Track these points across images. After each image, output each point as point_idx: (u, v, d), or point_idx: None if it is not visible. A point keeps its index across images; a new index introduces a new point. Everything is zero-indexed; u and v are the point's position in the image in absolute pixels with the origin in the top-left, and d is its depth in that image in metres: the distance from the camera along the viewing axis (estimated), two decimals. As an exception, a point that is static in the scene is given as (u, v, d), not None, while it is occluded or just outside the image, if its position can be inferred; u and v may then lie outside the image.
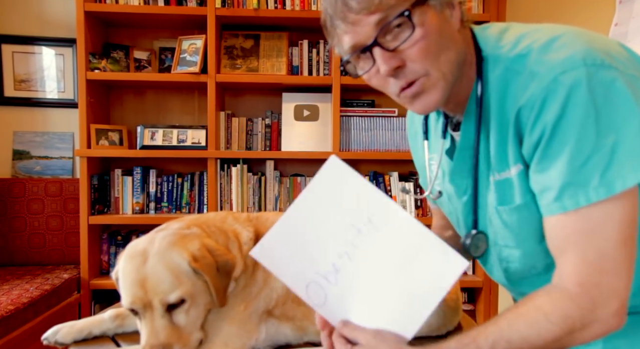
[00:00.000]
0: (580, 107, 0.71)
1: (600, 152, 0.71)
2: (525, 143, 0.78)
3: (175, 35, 2.77)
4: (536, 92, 0.74)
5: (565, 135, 0.72)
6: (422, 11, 0.76)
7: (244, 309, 1.02)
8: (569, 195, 0.73)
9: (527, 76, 0.77)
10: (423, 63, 0.78)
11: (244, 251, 1.04)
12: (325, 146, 2.74)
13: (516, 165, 0.81)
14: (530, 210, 0.82)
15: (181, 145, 2.69)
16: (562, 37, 0.77)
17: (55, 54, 2.89)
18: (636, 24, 1.89)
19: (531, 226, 0.84)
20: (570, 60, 0.73)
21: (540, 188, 0.77)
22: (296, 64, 2.78)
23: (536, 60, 0.76)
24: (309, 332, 1.09)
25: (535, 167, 0.77)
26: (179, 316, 0.94)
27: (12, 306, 2.04)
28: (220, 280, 0.97)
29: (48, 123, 2.91)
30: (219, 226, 1.07)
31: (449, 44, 0.80)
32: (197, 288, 0.95)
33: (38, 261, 2.74)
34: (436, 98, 0.81)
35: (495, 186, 0.86)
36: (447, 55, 0.79)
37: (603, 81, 0.72)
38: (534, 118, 0.75)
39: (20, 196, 2.74)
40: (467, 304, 2.90)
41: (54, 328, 1.10)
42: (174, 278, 0.92)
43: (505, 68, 0.80)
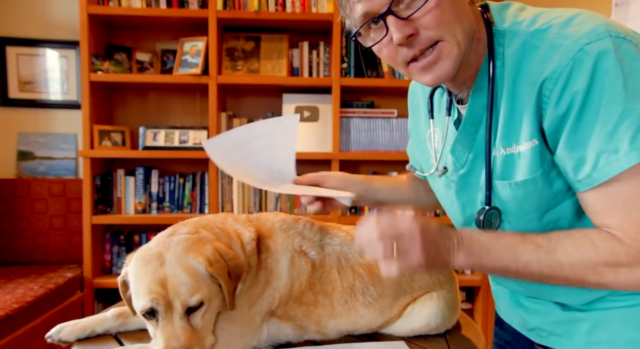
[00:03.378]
0: (609, 74, 0.71)
1: (630, 117, 0.71)
2: (548, 116, 0.77)
3: (177, 37, 2.80)
4: (562, 64, 0.74)
5: (596, 103, 0.72)
6: None
7: (248, 310, 1.03)
8: (604, 164, 0.73)
9: (548, 49, 0.76)
10: (437, 30, 0.77)
11: (247, 252, 1.05)
12: (325, 146, 2.76)
13: (531, 140, 0.80)
14: (537, 186, 0.82)
15: (183, 146, 2.72)
16: (580, 15, 0.78)
17: (59, 56, 2.93)
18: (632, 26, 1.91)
19: (534, 201, 0.84)
20: (595, 32, 0.73)
21: (574, 164, 0.76)
22: (296, 66, 2.80)
23: (557, 34, 0.76)
24: (309, 331, 1.10)
25: (566, 142, 0.76)
26: (196, 319, 0.95)
27: (16, 305, 2.07)
28: (231, 283, 0.99)
29: (52, 124, 2.95)
30: (221, 228, 1.07)
31: (462, 14, 0.80)
32: (212, 292, 0.96)
33: (42, 261, 2.78)
34: (448, 68, 0.80)
35: (499, 161, 0.85)
36: (460, 24, 0.79)
37: (628, 52, 0.72)
38: (560, 90, 0.74)
39: (24, 197, 2.77)
40: (465, 303, 2.91)
41: (58, 326, 1.10)
42: (193, 281, 0.93)
43: (523, 43, 0.80)
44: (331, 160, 2.71)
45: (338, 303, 1.10)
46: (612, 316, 0.87)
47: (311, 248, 1.11)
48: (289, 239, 1.10)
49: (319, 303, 1.09)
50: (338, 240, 1.15)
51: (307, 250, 1.11)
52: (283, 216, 1.16)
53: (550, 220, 0.86)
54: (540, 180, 0.81)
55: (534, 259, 0.77)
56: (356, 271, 1.12)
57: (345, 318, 1.11)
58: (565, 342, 0.93)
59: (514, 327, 1.06)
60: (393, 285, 1.14)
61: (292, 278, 1.07)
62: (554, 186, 0.82)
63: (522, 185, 0.83)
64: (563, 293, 0.90)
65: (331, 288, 1.10)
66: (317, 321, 1.09)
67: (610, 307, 0.87)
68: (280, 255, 1.08)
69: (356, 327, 1.13)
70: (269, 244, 1.09)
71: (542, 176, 0.81)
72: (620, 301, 0.86)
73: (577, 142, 0.75)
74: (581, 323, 0.90)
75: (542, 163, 0.81)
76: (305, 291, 1.08)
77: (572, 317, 0.91)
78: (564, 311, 0.92)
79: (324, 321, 1.10)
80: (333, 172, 1.21)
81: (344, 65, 2.71)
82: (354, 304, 1.11)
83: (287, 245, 1.09)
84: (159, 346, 0.91)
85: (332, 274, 1.10)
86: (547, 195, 0.83)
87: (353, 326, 1.13)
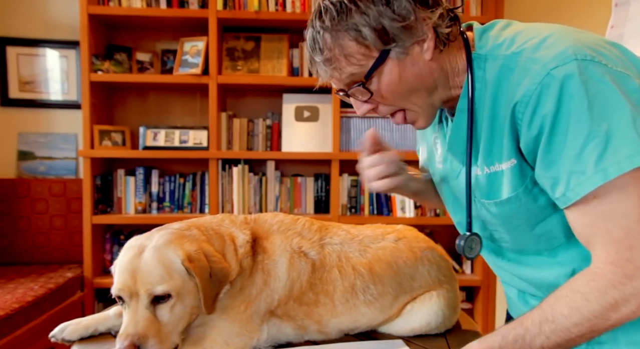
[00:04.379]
0: (574, 98, 0.73)
1: (595, 139, 0.72)
2: (523, 137, 0.80)
3: (177, 37, 2.81)
4: (531, 88, 0.76)
5: (563, 126, 0.74)
6: (379, 73, 0.82)
7: (244, 310, 1.04)
8: (575, 183, 0.74)
9: (520, 73, 0.79)
10: (393, 105, 0.86)
11: (240, 255, 1.05)
12: (325, 147, 2.77)
13: (510, 159, 0.83)
14: (520, 202, 0.85)
15: (183, 146, 2.72)
16: (551, 36, 0.79)
17: (59, 56, 2.93)
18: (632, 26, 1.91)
19: (522, 215, 0.86)
20: (562, 56, 0.75)
21: (550, 183, 0.78)
22: (296, 66, 2.81)
23: (528, 58, 0.79)
24: (309, 331, 1.11)
25: (541, 162, 0.78)
26: (163, 311, 0.94)
27: (17, 305, 2.07)
28: (211, 286, 0.98)
29: (52, 124, 2.95)
30: (216, 230, 1.08)
31: (416, 84, 0.85)
32: (186, 288, 0.96)
33: (42, 260, 2.78)
34: (424, 122, 0.89)
35: (483, 179, 0.89)
36: (416, 94, 0.85)
37: (593, 74, 0.74)
38: (531, 113, 0.77)
39: (24, 196, 2.78)
40: (465, 303, 2.92)
41: (61, 325, 1.11)
42: (164, 272, 0.94)
43: (501, 66, 0.83)
44: (331, 160, 2.71)
45: (339, 302, 1.10)
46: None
47: (311, 248, 1.12)
48: (287, 240, 1.11)
49: (320, 302, 1.10)
50: (338, 239, 1.16)
51: (306, 250, 1.11)
52: (281, 217, 1.16)
53: (543, 231, 0.88)
54: (524, 196, 0.84)
55: (545, 339, 0.77)
56: (357, 270, 1.13)
57: (347, 317, 1.12)
58: None
59: None
60: (394, 284, 1.15)
61: (292, 279, 1.07)
62: (539, 200, 0.84)
63: (507, 202, 0.86)
64: None
65: (332, 287, 1.10)
66: (318, 320, 1.10)
67: None
68: (278, 256, 1.08)
69: (357, 325, 1.14)
70: (266, 245, 1.09)
71: (525, 192, 0.84)
72: None
73: (550, 162, 0.77)
74: None
75: (524, 180, 0.83)
76: (306, 291, 1.09)
77: None
78: None
79: (325, 320, 1.10)
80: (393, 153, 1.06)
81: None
82: (355, 303, 1.12)
83: (286, 246, 1.10)
84: (119, 331, 0.92)
85: (332, 273, 1.11)
86: (534, 210, 0.85)
87: (354, 325, 1.13)
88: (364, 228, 1.23)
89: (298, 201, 2.82)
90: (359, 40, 0.80)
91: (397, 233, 1.23)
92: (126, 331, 0.91)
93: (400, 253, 1.18)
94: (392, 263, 1.16)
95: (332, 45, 0.82)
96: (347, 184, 2.81)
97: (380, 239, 1.19)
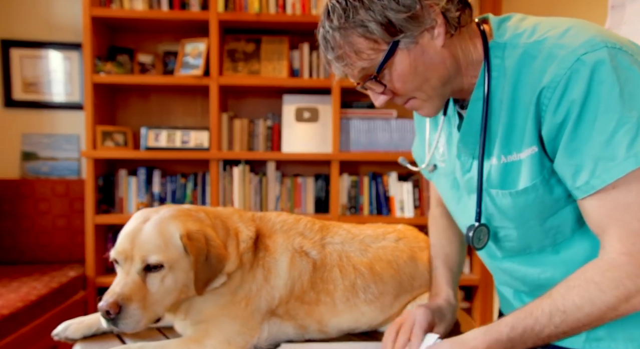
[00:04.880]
0: (605, 84, 0.73)
1: (627, 125, 0.72)
2: (546, 124, 0.79)
3: (179, 39, 2.83)
4: (560, 73, 0.76)
5: (593, 112, 0.74)
6: (390, 65, 0.82)
7: (245, 307, 1.05)
8: (601, 171, 0.74)
9: (546, 59, 0.78)
10: (407, 94, 0.86)
11: (241, 249, 1.07)
12: (325, 147, 2.79)
13: (531, 147, 0.82)
14: (537, 193, 0.84)
15: (184, 147, 2.74)
16: (574, 26, 0.80)
17: (62, 57, 2.95)
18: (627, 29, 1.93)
19: (536, 207, 0.85)
20: (592, 42, 0.75)
21: (573, 171, 0.77)
22: (297, 67, 2.83)
23: (554, 45, 0.78)
24: (310, 330, 1.12)
25: (565, 150, 0.77)
26: (153, 280, 0.95)
27: (20, 303, 2.09)
28: (205, 269, 0.99)
29: (55, 125, 2.97)
30: (223, 221, 1.10)
31: (428, 73, 0.84)
32: (179, 263, 0.97)
33: (45, 260, 2.80)
34: (432, 111, 0.89)
35: (499, 169, 0.88)
36: (428, 84, 0.85)
37: (623, 62, 0.74)
38: (558, 98, 0.76)
39: (28, 197, 2.80)
40: (463, 302, 2.94)
41: (64, 324, 1.12)
42: (162, 242, 0.96)
43: (522, 54, 0.82)
44: (331, 161, 2.73)
45: (340, 301, 1.11)
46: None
47: (312, 247, 1.13)
48: (289, 239, 1.12)
49: (321, 301, 1.11)
50: (339, 239, 1.17)
51: (308, 250, 1.12)
52: (285, 217, 1.18)
53: (552, 225, 0.87)
54: (541, 187, 0.83)
55: (553, 329, 0.77)
56: (357, 269, 1.14)
57: (347, 316, 1.13)
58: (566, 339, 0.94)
59: None
60: (394, 283, 1.16)
61: (293, 278, 1.09)
62: (555, 192, 0.84)
63: (523, 193, 0.85)
64: None
65: (333, 286, 1.11)
66: (319, 319, 1.11)
67: None
68: (279, 254, 1.10)
69: (357, 325, 1.15)
70: (268, 243, 1.11)
71: (542, 182, 0.83)
72: None
73: (575, 150, 0.76)
74: None
75: (542, 170, 0.83)
76: (307, 290, 1.10)
77: None
78: None
79: (325, 319, 1.11)
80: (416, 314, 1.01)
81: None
82: (355, 302, 1.13)
83: (287, 246, 1.11)
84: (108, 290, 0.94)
85: (333, 272, 1.12)
86: (548, 202, 0.85)
87: (354, 324, 1.14)
88: (365, 227, 1.24)
89: (298, 201, 2.84)
90: (366, 36, 0.81)
91: (397, 232, 1.24)
92: (113, 289, 0.93)
93: (400, 252, 1.19)
94: (393, 263, 1.17)
95: (342, 43, 0.83)
96: (346, 184, 2.83)
97: (381, 238, 1.20)
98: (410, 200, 2.80)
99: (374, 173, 2.87)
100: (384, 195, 2.84)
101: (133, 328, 0.93)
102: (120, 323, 0.92)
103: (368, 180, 2.85)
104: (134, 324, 0.93)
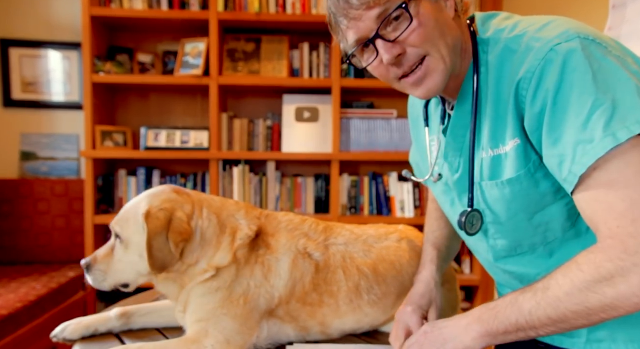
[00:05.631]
0: (577, 71, 0.74)
1: (602, 106, 0.71)
2: (527, 115, 0.80)
3: (178, 38, 2.83)
4: (534, 64, 0.77)
5: (566, 98, 0.74)
6: (417, 2, 0.81)
7: (243, 304, 1.04)
8: (580, 155, 0.73)
9: (523, 52, 0.81)
10: (422, 46, 0.83)
11: (235, 245, 1.07)
12: (325, 147, 2.78)
13: (514, 139, 0.83)
14: (521, 185, 0.85)
15: (184, 146, 2.74)
16: (554, 21, 0.82)
17: (61, 57, 2.95)
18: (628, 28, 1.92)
19: (522, 200, 0.86)
20: (565, 34, 0.77)
21: (557, 162, 0.77)
22: (297, 67, 2.82)
23: (532, 37, 0.81)
24: (311, 332, 1.11)
25: (547, 141, 0.78)
26: (117, 249, 1.07)
27: (19, 304, 2.09)
28: (161, 245, 1.02)
29: (54, 125, 2.97)
30: (222, 219, 1.10)
31: (445, 30, 0.84)
32: (134, 239, 1.05)
33: (44, 260, 2.80)
34: (437, 82, 0.85)
35: (486, 162, 0.89)
36: (444, 40, 0.84)
37: (595, 52, 0.75)
38: (534, 89, 0.78)
39: (27, 196, 2.79)
40: (464, 302, 2.93)
41: (62, 325, 1.12)
42: (128, 216, 1.06)
43: (503, 48, 0.85)
44: (331, 161, 2.73)
45: (343, 303, 1.11)
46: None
47: (315, 249, 1.12)
48: (293, 240, 1.12)
49: (324, 303, 1.10)
50: (342, 240, 1.16)
51: (311, 252, 1.12)
52: (291, 217, 1.17)
53: (541, 221, 0.88)
54: (525, 179, 0.84)
55: (534, 304, 0.75)
56: (361, 271, 1.13)
57: (350, 317, 1.12)
58: (566, 340, 0.94)
59: None
60: (397, 283, 1.16)
61: (294, 279, 1.08)
62: (540, 187, 0.84)
63: (508, 184, 0.86)
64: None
65: (336, 287, 1.11)
66: (321, 321, 1.10)
67: None
68: (281, 254, 1.09)
69: (360, 326, 1.15)
70: (270, 242, 1.10)
71: (527, 175, 0.84)
72: None
73: (556, 139, 0.76)
74: None
75: (527, 163, 0.83)
76: (309, 291, 1.09)
77: None
78: None
79: (328, 321, 1.11)
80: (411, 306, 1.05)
81: (343, 66, 2.73)
82: (359, 303, 1.12)
83: (291, 246, 1.11)
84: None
85: (337, 274, 1.11)
86: (534, 196, 0.85)
87: (357, 325, 1.14)
88: (367, 227, 1.24)
89: (298, 201, 2.84)
90: None
91: (399, 232, 1.24)
92: (93, 253, 1.10)
93: (403, 252, 1.19)
94: (396, 263, 1.17)
95: None
96: (346, 184, 2.83)
97: (383, 239, 1.20)
98: (411, 200, 2.79)
99: (374, 173, 2.86)
100: (384, 195, 2.84)
101: (97, 284, 1.08)
102: (89, 276, 1.08)
103: (368, 180, 2.84)
104: (97, 282, 1.08)
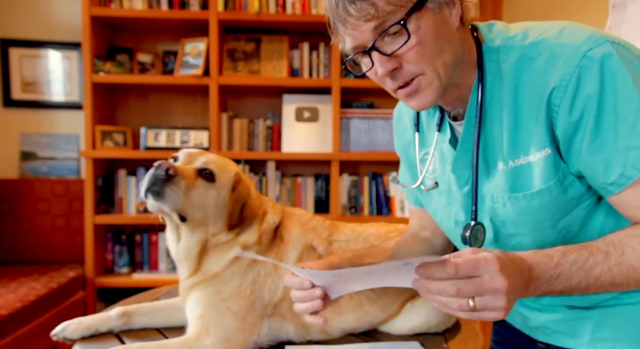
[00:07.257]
0: (617, 75, 0.74)
1: None
2: (560, 124, 0.78)
3: (178, 38, 2.82)
4: (569, 72, 0.76)
5: (611, 104, 0.74)
6: (418, 16, 0.78)
7: (249, 294, 1.06)
8: (635, 160, 0.73)
9: (548, 59, 0.78)
10: (419, 64, 0.80)
11: (263, 228, 1.12)
12: (325, 147, 2.79)
13: (544, 149, 0.81)
14: (551, 194, 0.83)
15: (184, 146, 2.73)
16: (568, 26, 0.81)
17: (61, 57, 2.94)
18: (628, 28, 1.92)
19: (550, 209, 0.84)
20: (594, 38, 0.76)
21: (603, 167, 0.76)
22: (297, 67, 2.82)
23: (555, 44, 0.78)
24: (312, 331, 1.12)
25: (589, 148, 0.77)
26: (200, 185, 1.06)
27: (19, 304, 2.09)
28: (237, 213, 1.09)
29: (54, 125, 2.97)
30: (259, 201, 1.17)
31: (445, 46, 0.81)
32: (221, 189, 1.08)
33: (44, 260, 2.80)
34: (430, 98, 0.84)
35: (507, 174, 0.86)
36: (442, 57, 0.81)
37: (625, 54, 0.76)
38: (571, 97, 0.76)
39: (27, 197, 2.79)
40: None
41: (63, 324, 1.12)
42: (223, 165, 1.10)
43: (519, 56, 0.82)
44: (331, 161, 2.73)
45: (344, 300, 1.11)
46: (616, 314, 0.88)
47: (320, 243, 1.15)
48: (303, 234, 1.15)
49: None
50: (344, 237, 1.18)
51: (316, 245, 1.15)
52: (304, 212, 1.23)
53: (564, 226, 0.87)
54: (555, 189, 0.82)
55: (605, 269, 0.74)
56: None
57: (351, 315, 1.13)
58: (569, 340, 0.93)
59: (515, 325, 1.07)
60: None
61: None
62: (569, 193, 0.83)
63: (538, 195, 0.84)
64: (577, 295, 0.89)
65: None
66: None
67: (615, 304, 0.88)
68: (290, 247, 1.13)
69: (360, 324, 1.15)
70: (283, 234, 1.15)
71: (557, 184, 0.82)
72: (624, 298, 0.87)
73: (601, 145, 0.76)
74: (586, 321, 0.91)
75: (557, 172, 0.82)
76: None
77: (578, 315, 0.92)
78: (570, 310, 0.93)
79: (330, 318, 1.11)
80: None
81: (344, 66, 2.73)
82: (359, 301, 1.13)
83: (300, 240, 1.14)
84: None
85: None
86: (562, 203, 0.84)
87: (357, 323, 1.15)
88: (369, 226, 1.25)
89: (298, 201, 2.84)
90: None
91: (399, 232, 1.24)
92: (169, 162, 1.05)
93: None
94: None
95: None
96: (346, 184, 2.83)
97: (384, 237, 1.21)
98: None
99: (374, 173, 2.86)
100: (384, 195, 2.84)
101: (170, 203, 1.01)
102: (165, 189, 1.00)
103: (368, 180, 2.84)
104: (172, 200, 1.01)
